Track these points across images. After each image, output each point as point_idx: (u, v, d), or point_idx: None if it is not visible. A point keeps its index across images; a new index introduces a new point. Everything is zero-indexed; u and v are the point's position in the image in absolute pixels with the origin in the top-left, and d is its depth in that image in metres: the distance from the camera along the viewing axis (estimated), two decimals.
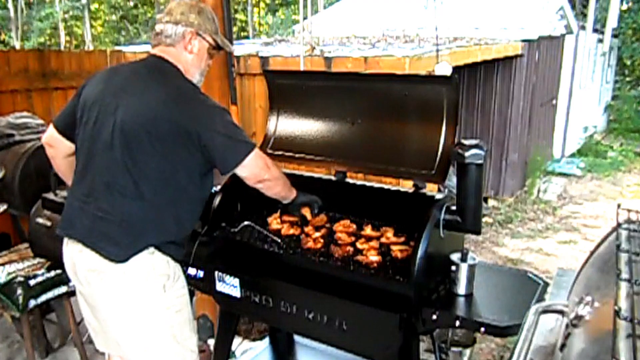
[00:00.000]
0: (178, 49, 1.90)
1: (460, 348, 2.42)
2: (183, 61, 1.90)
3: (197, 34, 1.91)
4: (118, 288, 1.79)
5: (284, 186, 2.05)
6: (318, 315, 1.99)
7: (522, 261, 5.14)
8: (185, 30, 1.89)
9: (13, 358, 3.06)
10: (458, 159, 1.85)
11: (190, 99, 1.82)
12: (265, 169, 1.90)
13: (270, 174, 1.93)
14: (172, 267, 1.87)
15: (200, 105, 1.82)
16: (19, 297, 2.57)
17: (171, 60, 1.89)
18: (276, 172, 1.98)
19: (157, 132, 1.74)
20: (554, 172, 8.46)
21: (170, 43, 1.90)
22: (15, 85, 4.10)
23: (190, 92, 1.85)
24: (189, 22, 1.90)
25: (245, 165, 1.83)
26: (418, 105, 2.16)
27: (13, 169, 3.02)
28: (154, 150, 1.75)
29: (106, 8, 18.01)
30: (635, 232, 1.19)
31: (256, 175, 1.90)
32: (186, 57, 1.91)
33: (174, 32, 1.89)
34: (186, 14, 1.90)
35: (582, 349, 1.00)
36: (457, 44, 5.06)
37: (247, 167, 1.85)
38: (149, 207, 1.79)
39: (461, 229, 1.96)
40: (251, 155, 1.83)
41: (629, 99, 13.63)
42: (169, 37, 1.89)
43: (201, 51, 1.94)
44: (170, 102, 1.77)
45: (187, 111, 1.76)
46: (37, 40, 15.42)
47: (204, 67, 1.99)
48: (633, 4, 14.96)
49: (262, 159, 1.90)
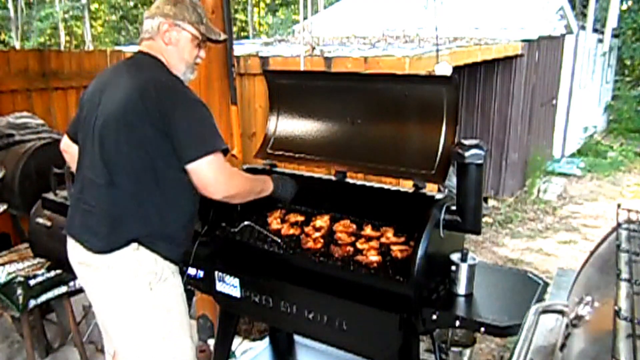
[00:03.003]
0: (158, 42, 1.87)
1: (460, 348, 2.42)
2: (166, 55, 1.87)
3: (175, 24, 1.86)
4: (104, 282, 1.80)
5: (249, 194, 1.95)
6: (318, 315, 1.99)
7: (522, 261, 5.14)
8: (161, 22, 1.86)
9: (13, 358, 3.06)
10: (458, 159, 1.85)
11: (165, 87, 1.77)
12: (221, 181, 1.77)
13: (228, 188, 1.79)
14: (160, 265, 1.82)
15: (176, 93, 1.77)
16: (19, 297, 2.57)
17: (153, 54, 1.87)
18: (236, 187, 1.84)
19: (127, 120, 1.72)
20: (554, 172, 8.46)
21: (149, 37, 1.88)
22: (15, 85, 4.09)
23: (167, 82, 1.80)
24: (164, 13, 1.86)
25: (196, 168, 1.72)
26: (418, 105, 2.16)
27: (13, 169, 3.02)
28: (126, 138, 1.73)
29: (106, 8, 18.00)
30: (635, 232, 1.19)
31: (205, 185, 1.75)
32: (166, 49, 1.87)
33: (150, 26, 1.87)
34: (161, 7, 1.87)
35: (582, 349, 1.00)
36: (457, 44, 5.06)
37: (197, 171, 1.73)
38: (128, 198, 1.76)
39: (461, 229, 1.96)
40: (207, 158, 1.72)
41: (629, 99, 13.63)
42: (147, 31, 1.89)
43: (182, 42, 1.88)
44: (142, 89, 1.73)
45: (159, 96, 1.72)
46: (37, 40, 15.41)
47: (191, 59, 1.93)
48: (633, 4, 14.96)
49: (221, 170, 1.77)
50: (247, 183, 1.92)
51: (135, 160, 1.74)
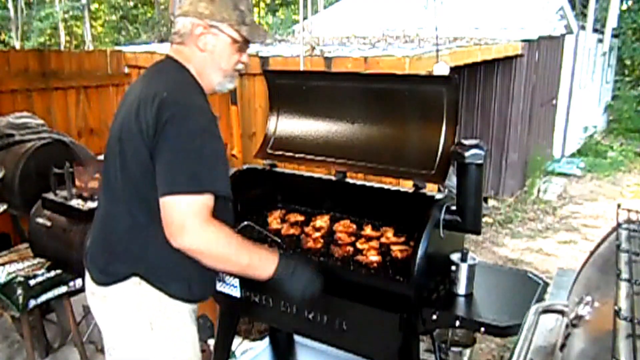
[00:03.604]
0: (190, 47, 1.58)
1: (460, 348, 2.42)
2: (196, 61, 1.58)
3: (211, 25, 1.56)
4: (107, 313, 1.65)
5: (227, 262, 1.51)
6: (318, 315, 1.99)
7: (522, 261, 5.13)
8: (194, 24, 1.55)
9: (13, 358, 3.06)
10: (458, 159, 1.85)
11: (170, 101, 1.45)
12: (187, 229, 1.39)
13: (194, 240, 1.42)
14: (164, 304, 1.58)
15: (180, 110, 1.44)
16: (19, 297, 2.57)
17: (181, 61, 1.59)
18: (209, 243, 1.44)
19: (122, 140, 1.50)
20: (554, 172, 8.46)
21: (181, 41, 1.59)
22: (15, 85, 4.09)
23: (177, 95, 1.47)
24: (198, 12, 1.55)
25: (164, 204, 1.40)
26: (418, 105, 2.16)
27: (13, 169, 3.02)
28: (121, 161, 1.51)
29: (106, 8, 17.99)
30: (635, 232, 1.19)
31: (166, 226, 1.41)
32: (199, 56, 1.58)
33: (182, 26, 1.58)
34: (195, 3, 1.56)
35: (582, 349, 1.00)
36: (457, 44, 5.06)
37: (164, 209, 1.41)
38: (122, 230, 1.55)
39: (461, 229, 1.96)
40: (181, 198, 1.38)
41: (629, 99, 13.63)
42: (178, 32, 1.59)
43: (219, 48, 1.58)
44: (143, 102, 1.46)
45: (158, 112, 1.42)
46: (37, 40, 15.40)
47: (229, 67, 1.62)
48: (633, 4, 14.96)
49: (195, 216, 1.39)
50: (229, 247, 1.47)
51: (127, 187, 1.51)
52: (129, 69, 5.05)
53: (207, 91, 1.62)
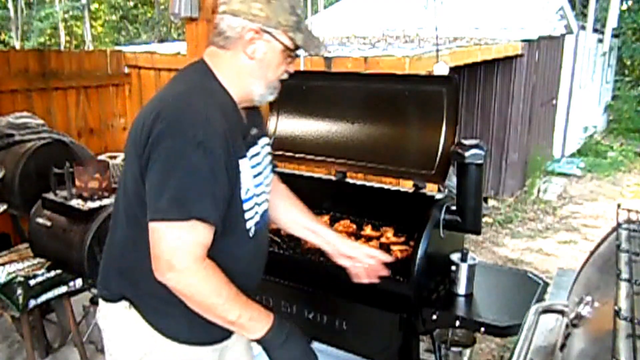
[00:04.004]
0: (234, 52, 1.35)
1: (460, 348, 2.42)
2: (236, 69, 1.36)
3: (264, 31, 1.33)
4: (104, 330, 1.53)
5: (209, 311, 1.28)
6: (318, 315, 1.99)
7: (522, 261, 5.13)
8: (245, 27, 1.32)
9: (13, 358, 3.06)
10: (458, 159, 1.85)
11: (171, 110, 1.27)
12: (166, 264, 1.22)
13: (173, 279, 1.23)
14: (159, 343, 1.38)
15: (175, 124, 1.25)
16: (19, 297, 2.57)
17: (211, 67, 1.37)
18: (190, 286, 1.24)
19: (126, 151, 1.37)
20: (554, 172, 8.46)
21: (223, 44, 1.35)
22: (15, 85, 4.09)
23: (181, 105, 1.28)
24: (252, 13, 1.32)
25: (151, 230, 1.24)
26: (418, 105, 2.16)
27: (13, 169, 3.02)
28: (124, 171, 1.40)
29: (106, 8, 17.99)
30: (635, 232, 1.19)
31: (156, 266, 1.24)
32: (245, 64, 1.35)
33: (229, 28, 1.33)
34: (248, 3, 1.32)
35: (582, 349, 1.00)
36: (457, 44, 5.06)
37: (153, 240, 1.24)
38: (116, 248, 1.45)
39: (461, 229, 1.96)
40: (163, 225, 1.21)
41: (629, 99, 13.63)
42: (222, 34, 1.35)
43: (269, 55, 1.36)
44: (147, 112, 1.30)
45: (153, 124, 1.25)
46: (37, 40, 15.41)
47: (275, 77, 1.41)
48: (633, 4, 14.97)
49: (174, 251, 1.21)
50: (217, 297, 1.26)
51: (124, 201, 1.38)
52: (129, 69, 5.05)
53: (243, 102, 1.40)
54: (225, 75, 1.37)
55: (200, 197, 1.23)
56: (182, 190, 1.21)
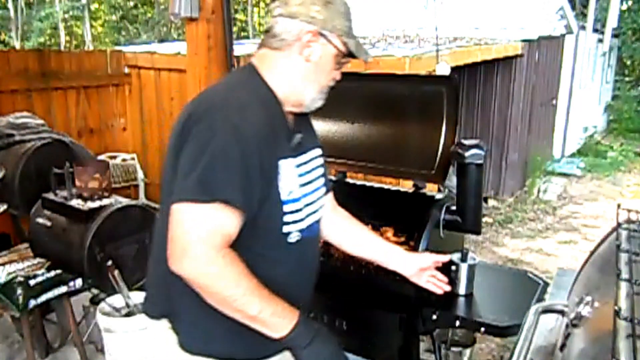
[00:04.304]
0: (289, 53, 1.33)
1: (460, 348, 2.42)
2: (289, 71, 1.34)
3: (320, 34, 1.32)
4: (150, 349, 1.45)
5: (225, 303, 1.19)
6: (318, 315, 1.99)
7: (522, 261, 5.13)
8: (303, 29, 1.31)
9: (13, 358, 3.06)
10: (458, 159, 1.85)
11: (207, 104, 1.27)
12: (179, 247, 1.15)
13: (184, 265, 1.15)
14: None
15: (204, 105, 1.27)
16: (19, 297, 2.57)
17: (260, 69, 1.35)
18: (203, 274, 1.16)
19: (167, 152, 1.31)
20: (554, 172, 8.46)
21: (278, 46, 1.33)
22: (15, 85, 4.10)
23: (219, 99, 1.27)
24: (310, 16, 1.31)
25: (170, 216, 1.18)
26: (418, 105, 2.16)
27: (13, 169, 3.02)
28: (164, 175, 1.33)
29: (106, 8, 17.99)
30: (635, 232, 1.19)
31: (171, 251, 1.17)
32: (300, 66, 1.34)
33: (285, 30, 1.32)
34: (306, 5, 1.31)
35: (582, 349, 1.00)
36: (457, 44, 5.06)
37: (170, 224, 1.17)
38: (154, 257, 1.37)
39: (461, 229, 1.96)
40: (182, 206, 1.16)
41: (629, 99, 13.64)
42: (277, 36, 1.33)
43: (324, 59, 1.35)
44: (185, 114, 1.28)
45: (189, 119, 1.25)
46: (37, 40, 15.41)
47: (327, 82, 1.40)
48: (633, 4, 14.97)
49: (189, 232, 1.15)
50: (236, 288, 1.17)
51: (163, 202, 1.29)
52: (129, 69, 5.05)
53: (291, 106, 1.37)
54: (276, 76, 1.34)
55: (227, 179, 1.17)
56: (209, 171, 1.16)
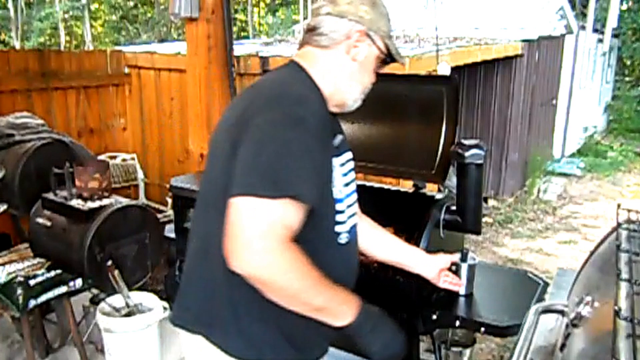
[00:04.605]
0: (336, 52, 1.32)
1: (460, 348, 2.42)
2: (335, 69, 1.32)
3: (367, 34, 1.32)
4: None
5: (293, 299, 1.15)
6: None
7: (522, 261, 5.13)
8: (352, 29, 1.30)
9: (13, 358, 3.06)
10: (458, 159, 1.85)
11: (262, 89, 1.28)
12: (243, 243, 1.08)
13: (251, 262, 1.08)
14: None
15: (269, 96, 1.23)
16: (19, 297, 2.57)
17: (305, 66, 1.32)
18: (271, 270, 1.09)
19: (212, 152, 1.32)
20: (554, 172, 8.46)
21: (326, 44, 1.31)
22: (15, 85, 4.10)
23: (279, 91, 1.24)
24: (359, 16, 1.31)
25: (229, 210, 1.10)
26: (418, 105, 2.16)
27: (13, 169, 3.02)
28: (208, 172, 1.34)
29: (106, 8, 17.99)
30: (635, 232, 1.19)
31: (231, 248, 1.09)
32: (345, 65, 1.33)
33: (335, 29, 1.31)
34: (355, 4, 1.31)
35: (582, 349, 1.00)
36: (457, 44, 5.06)
37: (229, 219, 1.10)
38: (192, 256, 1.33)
39: (461, 229, 1.96)
40: (245, 200, 1.08)
41: (629, 99, 13.64)
42: (326, 35, 1.31)
43: (368, 60, 1.34)
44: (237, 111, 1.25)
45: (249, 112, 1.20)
46: (37, 40, 15.41)
47: (368, 83, 1.39)
48: (633, 4, 14.97)
49: (256, 227, 1.07)
50: (296, 277, 1.12)
51: (214, 212, 1.22)
52: (129, 69, 5.05)
53: (336, 108, 1.36)
54: (322, 74, 1.31)
55: (296, 174, 1.12)
56: (276, 165, 1.11)
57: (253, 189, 1.09)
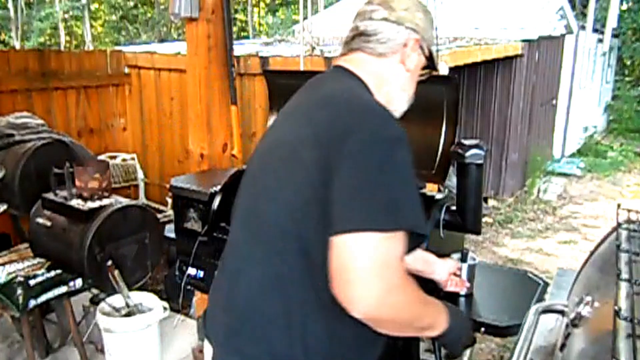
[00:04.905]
0: (391, 61, 1.24)
1: None
2: (388, 79, 1.24)
3: (420, 44, 1.25)
4: None
5: (408, 327, 1.09)
6: None
7: (522, 261, 5.14)
8: (410, 37, 1.23)
9: (13, 358, 3.06)
10: (458, 159, 1.85)
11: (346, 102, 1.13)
12: (367, 285, 0.96)
13: (377, 303, 0.96)
14: None
15: (362, 111, 1.11)
16: (19, 297, 2.57)
17: (364, 79, 1.22)
18: (394, 307, 1.00)
19: (276, 170, 1.16)
20: (554, 172, 8.46)
21: (382, 52, 1.23)
22: (15, 85, 4.10)
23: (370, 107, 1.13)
24: (415, 23, 1.24)
25: (338, 243, 0.98)
26: (418, 105, 2.15)
27: (13, 169, 3.02)
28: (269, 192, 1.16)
29: (106, 8, 17.99)
30: (635, 232, 1.19)
31: (340, 277, 0.97)
32: (398, 75, 1.25)
33: (392, 37, 1.22)
34: (412, 11, 1.24)
35: (582, 349, 1.00)
36: (457, 44, 5.06)
37: (337, 251, 0.98)
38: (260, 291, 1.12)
39: (461, 229, 1.96)
40: (363, 236, 0.96)
41: (629, 99, 13.63)
42: (383, 43, 1.23)
43: (416, 68, 1.28)
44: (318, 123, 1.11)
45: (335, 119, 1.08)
46: (37, 40, 15.41)
47: (413, 94, 1.32)
48: (633, 4, 14.97)
49: (378, 266, 0.96)
50: (414, 306, 1.06)
51: (267, 234, 1.13)
52: (129, 69, 5.06)
53: None
54: (377, 85, 1.23)
55: (411, 202, 1.04)
56: (392, 195, 1.01)
57: (371, 223, 0.97)
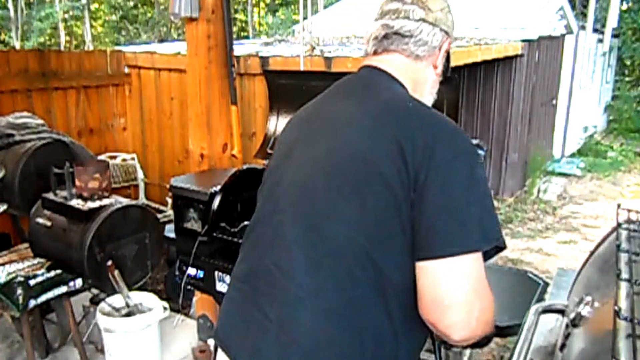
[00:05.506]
0: (426, 64, 1.20)
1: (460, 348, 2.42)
2: (423, 83, 1.22)
3: (449, 47, 1.24)
4: None
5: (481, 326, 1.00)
6: None
7: (522, 261, 5.14)
8: (444, 39, 1.20)
9: (13, 358, 3.06)
10: None
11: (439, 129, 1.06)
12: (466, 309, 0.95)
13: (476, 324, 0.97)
14: None
15: (437, 123, 1.08)
16: (19, 297, 2.57)
17: (402, 81, 1.18)
18: (487, 322, 1.00)
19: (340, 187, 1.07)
20: (554, 172, 8.46)
21: (420, 54, 1.18)
22: (15, 85, 4.10)
23: (441, 123, 1.09)
24: (447, 25, 1.21)
25: (431, 270, 0.96)
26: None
27: (13, 169, 3.02)
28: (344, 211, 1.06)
29: (106, 8, 17.99)
30: (635, 232, 1.19)
31: (451, 323, 0.95)
32: (429, 78, 1.22)
33: (430, 39, 1.18)
34: (445, 12, 1.20)
35: (582, 349, 1.00)
36: (457, 44, 5.06)
37: (432, 278, 0.97)
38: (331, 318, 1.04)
39: None
40: (459, 260, 0.95)
41: (629, 99, 13.64)
42: (424, 45, 1.18)
43: (441, 72, 1.26)
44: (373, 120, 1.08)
45: (425, 141, 1.01)
46: (37, 40, 15.40)
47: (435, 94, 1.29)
48: (633, 4, 14.97)
49: (475, 289, 0.97)
50: (493, 314, 1.05)
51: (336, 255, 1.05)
52: (129, 69, 5.06)
53: None
54: (413, 88, 1.19)
55: (495, 217, 1.02)
56: (480, 212, 0.98)
57: (467, 246, 0.96)
